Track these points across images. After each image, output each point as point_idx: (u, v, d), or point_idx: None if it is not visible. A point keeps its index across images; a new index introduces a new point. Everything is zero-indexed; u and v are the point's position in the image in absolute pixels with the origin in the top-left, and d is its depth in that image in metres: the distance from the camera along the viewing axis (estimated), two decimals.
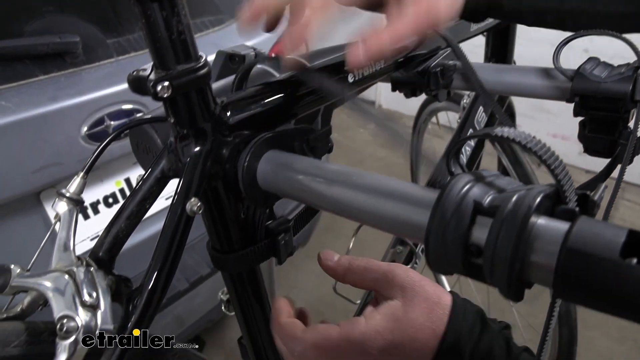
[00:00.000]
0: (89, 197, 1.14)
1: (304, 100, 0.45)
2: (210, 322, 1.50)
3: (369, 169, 0.45)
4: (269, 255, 0.46)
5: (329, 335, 0.41)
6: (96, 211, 1.16)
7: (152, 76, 0.34)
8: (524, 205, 0.28)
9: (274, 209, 0.48)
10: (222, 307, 0.65)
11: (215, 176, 0.40)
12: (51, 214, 1.08)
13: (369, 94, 3.59)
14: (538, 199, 0.28)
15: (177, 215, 0.36)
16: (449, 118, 1.29)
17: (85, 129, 1.03)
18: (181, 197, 0.37)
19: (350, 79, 0.50)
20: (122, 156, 1.14)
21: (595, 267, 0.25)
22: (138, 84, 0.35)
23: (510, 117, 0.92)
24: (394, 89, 0.66)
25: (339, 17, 0.42)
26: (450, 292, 0.43)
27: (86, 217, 1.15)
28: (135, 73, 0.35)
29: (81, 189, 0.39)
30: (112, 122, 1.07)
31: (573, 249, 0.26)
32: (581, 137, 0.59)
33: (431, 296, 0.41)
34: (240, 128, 0.40)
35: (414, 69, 0.64)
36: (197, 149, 0.38)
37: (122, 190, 1.20)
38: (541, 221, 0.28)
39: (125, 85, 1.09)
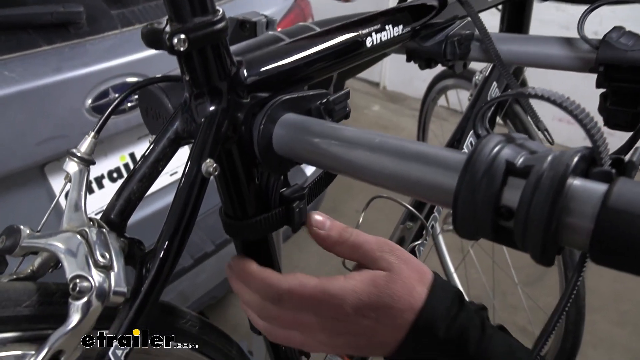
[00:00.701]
0: (93, 171, 1.13)
1: (321, 64, 0.44)
2: (214, 299, 1.50)
3: None
4: (283, 223, 0.45)
5: (306, 283, 0.41)
6: (101, 186, 1.15)
7: (167, 29, 0.32)
8: (560, 164, 0.27)
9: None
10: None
11: (230, 139, 0.38)
12: (56, 188, 1.07)
13: (373, 75, 3.55)
14: (575, 159, 0.27)
15: (192, 176, 0.35)
16: (459, 97, 1.27)
17: (89, 101, 1.02)
18: (196, 157, 0.35)
19: (369, 44, 0.48)
20: (126, 130, 1.12)
21: (637, 227, 0.24)
22: (152, 38, 0.33)
23: None
24: (408, 60, 0.65)
25: None
26: (433, 272, 0.44)
27: (91, 191, 1.13)
28: (149, 26, 0.34)
29: (92, 149, 0.37)
30: (116, 95, 1.05)
31: (614, 209, 0.24)
32: (602, 109, 0.57)
33: (414, 275, 0.42)
34: (256, 89, 0.39)
35: (430, 39, 0.62)
36: (213, 108, 0.36)
37: (126, 165, 1.18)
38: (577, 182, 0.27)
39: (130, 58, 1.07)
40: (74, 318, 0.29)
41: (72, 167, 0.36)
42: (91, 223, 0.35)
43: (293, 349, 0.59)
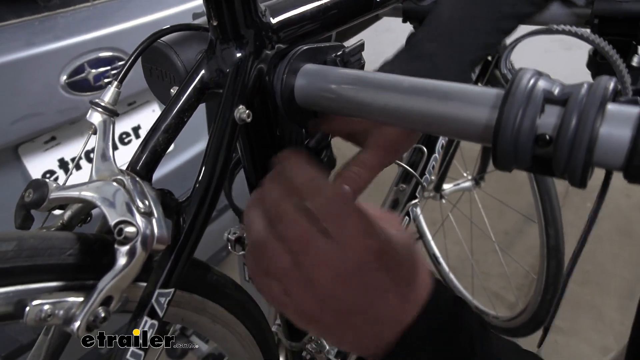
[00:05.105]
0: (70, 152, 1.09)
1: (337, 13, 0.44)
2: None
3: None
4: None
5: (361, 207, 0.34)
6: (78, 167, 1.11)
7: None
8: (599, 90, 0.28)
9: None
10: (229, 246, 0.64)
11: (255, 90, 0.38)
12: (31, 170, 1.02)
13: None
14: (612, 85, 0.28)
15: (224, 124, 0.35)
16: None
17: (64, 77, 0.97)
18: (227, 105, 0.35)
19: None
20: None
21: None
22: None
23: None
24: (405, 20, 0.65)
25: None
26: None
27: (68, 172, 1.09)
28: None
29: (115, 99, 0.36)
30: (92, 70, 1.01)
31: None
32: (591, 64, 0.60)
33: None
34: (281, 37, 0.39)
35: None
36: (240, 54, 0.36)
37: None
38: (612, 106, 0.28)
39: (104, 32, 1.03)
40: (121, 262, 0.29)
41: (96, 117, 0.35)
42: (122, 173, 0.34)
43: None
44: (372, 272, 0.33)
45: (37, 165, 1.03)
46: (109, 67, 1.03)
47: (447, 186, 1.26)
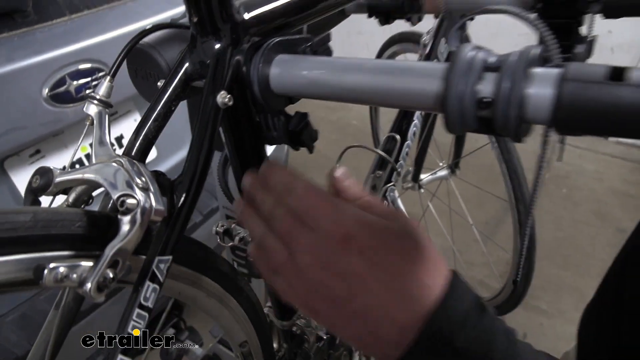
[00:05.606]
0: (56, 164, 1.11)
1: (306, 7, 0.48)
2: None
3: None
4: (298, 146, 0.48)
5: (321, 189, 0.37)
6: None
7: None
8: (525, 55, 0.33)
9: None
10: (218, 239, 0.67)
11: (233, 80, 0.42)
12: (18, 184, 1.04)
13: None
14: (538, 51, 0.34)
15: (209, 109, 0.39)
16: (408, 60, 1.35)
17: (46, 90, 1.00)
18: (210, 91, 0.39)
19: None
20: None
21: (589, 91, 0.30)
22: None
23: None
24: (370, 15, 0.71)
25: None
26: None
27: None
28: None
29: (109, 92, 0.40)
30: (73, 82, 1.04)
31: (570, 79, 0.31)
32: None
33: (434, 252, 0.37)
34: (254, 31, 0.43)
35: None
36: (219, 46, 0.40)
37: (89, 156, 1.17)
38: (537, 70, 0.34)
39: (82, 44, 1.06)
40: (125, 229, 0.33)
41: (92, 109, 0.39)
42: (118, 156, 0.38)
43: None
44: (344, 257, 0.34)
45: (24, 180, 1.06)
46: (89, 79, 1.06)
47: (424, 176, 1.32)
